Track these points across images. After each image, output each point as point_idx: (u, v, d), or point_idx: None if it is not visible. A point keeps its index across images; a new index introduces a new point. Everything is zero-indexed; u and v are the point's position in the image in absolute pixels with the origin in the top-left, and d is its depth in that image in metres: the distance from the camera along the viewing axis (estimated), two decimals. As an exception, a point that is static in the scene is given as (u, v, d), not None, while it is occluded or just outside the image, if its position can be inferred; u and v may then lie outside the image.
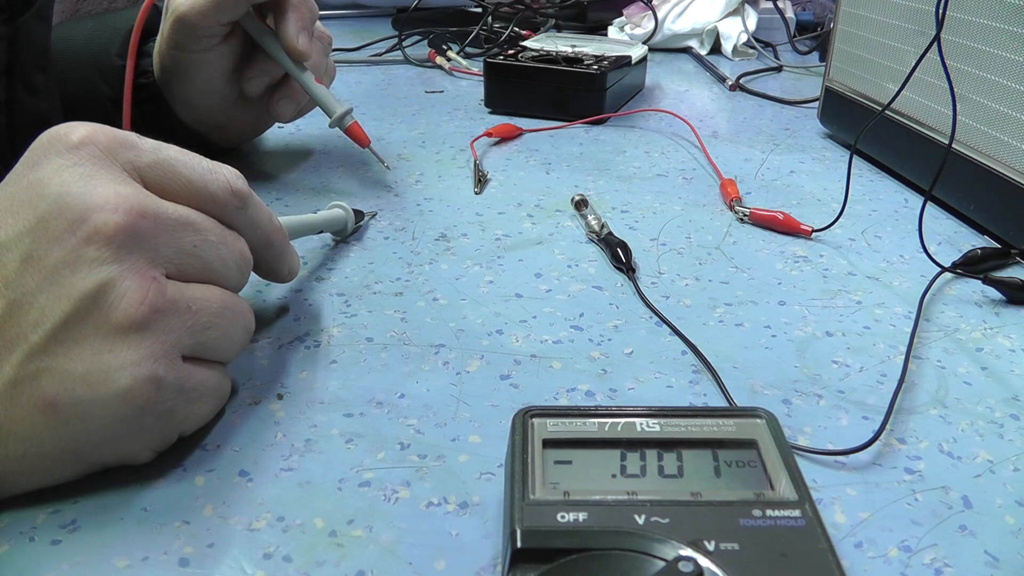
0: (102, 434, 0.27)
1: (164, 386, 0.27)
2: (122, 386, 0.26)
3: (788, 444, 0.26)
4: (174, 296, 0.28)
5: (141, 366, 0.26)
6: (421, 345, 0.38)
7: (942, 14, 0.41)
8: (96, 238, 0.26)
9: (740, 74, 0.90)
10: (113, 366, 0.26)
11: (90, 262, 0.26)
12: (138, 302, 0.26)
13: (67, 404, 0.26)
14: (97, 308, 0.26)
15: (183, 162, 0.30)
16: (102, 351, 0.26)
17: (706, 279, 0.44)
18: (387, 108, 0.78)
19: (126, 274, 0.26)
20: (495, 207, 0.54)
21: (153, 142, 0.30)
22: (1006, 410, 0.34)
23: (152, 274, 0.27)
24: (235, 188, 0.31)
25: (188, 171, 0.30)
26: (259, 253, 0.34)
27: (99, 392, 0.26)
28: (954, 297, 0.43)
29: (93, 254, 0.26)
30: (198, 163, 0.30)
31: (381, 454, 0.31)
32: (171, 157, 0.29)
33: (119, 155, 0.28)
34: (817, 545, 0.23)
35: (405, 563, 0.26)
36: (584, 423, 0.27)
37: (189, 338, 0.28)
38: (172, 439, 0.29)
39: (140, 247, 0.27)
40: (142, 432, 0.28)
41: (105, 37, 0.56)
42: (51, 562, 0.25)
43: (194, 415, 0.30)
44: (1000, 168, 0.47)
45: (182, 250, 0.29)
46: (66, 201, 0.26)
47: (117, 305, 0.26)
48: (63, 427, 0.26)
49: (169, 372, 0.27)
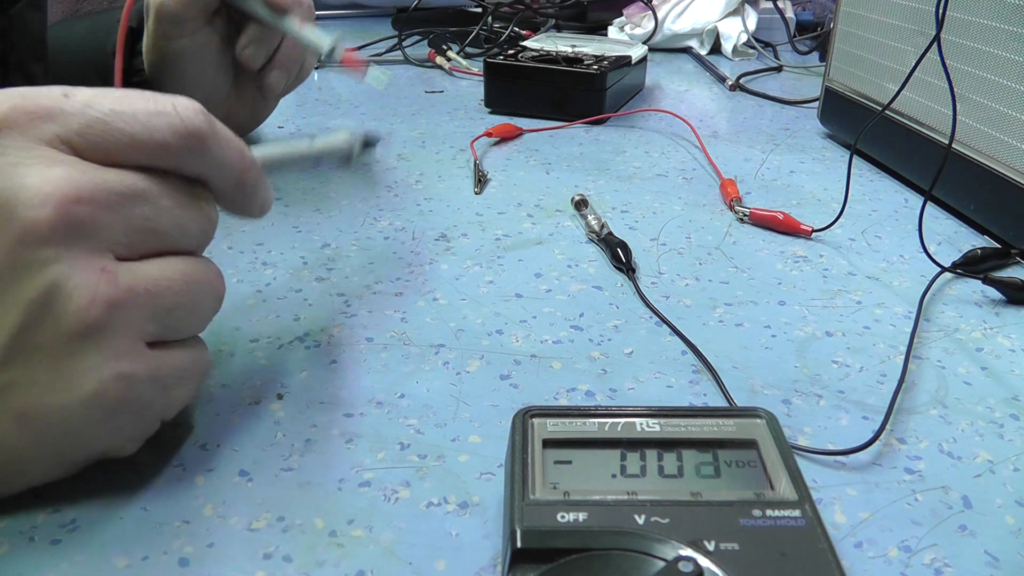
0: (79, 436, 0.26)
1: (135, 381, 0.26)
2: (88, 391, 0.25)
3: (788, 444, 0.26)
4: (129, 283, 0.25)
5: (104, 368, 0.25)
6: (421, 345, 0.38)
7: (942, 14, 0.41)
8: (29, 239, 0.23)
9: (740, 74, 0.90)
10: (76, 371, 0.25)
11: (30, 266, 0.24)
12: (89, 301, 0.24)
13: (38, 413, 0.25)
14: (48, 314, 0.24)
15: (120, 113, 0.25)
16: (60, 358, 0.24)
17: (706, 279, 0.44)
18: (387, 108, 0.78)
19: (70, 272, 0.24)
20: (495, 207, 0.54)
21: (83, 98, 0.25)
22: (1006, 410, 0.34)
23: (99, 264, 0.25)
24: (189, 128, 0.26)
25: (126, 123, 0.25)
26: (227, 194, 0.29)
27: (67, 398, 0.25)
28: (954, 297, 0.43)
29: (31, 256, 0.24)
30: (141, 108, 0.26)
31: (381, 454, 0.31)
32: (104, 114, 0.25)
33: (44, 131, 0.25)
34: (817, 545, 0.23)
35: (405, 563, 0.26)
36: (584, 423, 0.27)
37: (153, 324, 0.26)
38: (155, 427, 0.28)
39: (81, 237, 0.24)
40: (121, 428, 0.27)
41: (101, 35, 0.56)
42: (51, 562, 0.25)
43: (174, 400, 0.28)
44: (1000, 168, 0.47)
45: (131, 226, 0.26)
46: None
47: (67, 308, 0.24)
48: (38, 434, 0.25)
49: (137, 366, 0.26)
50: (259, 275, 0.44)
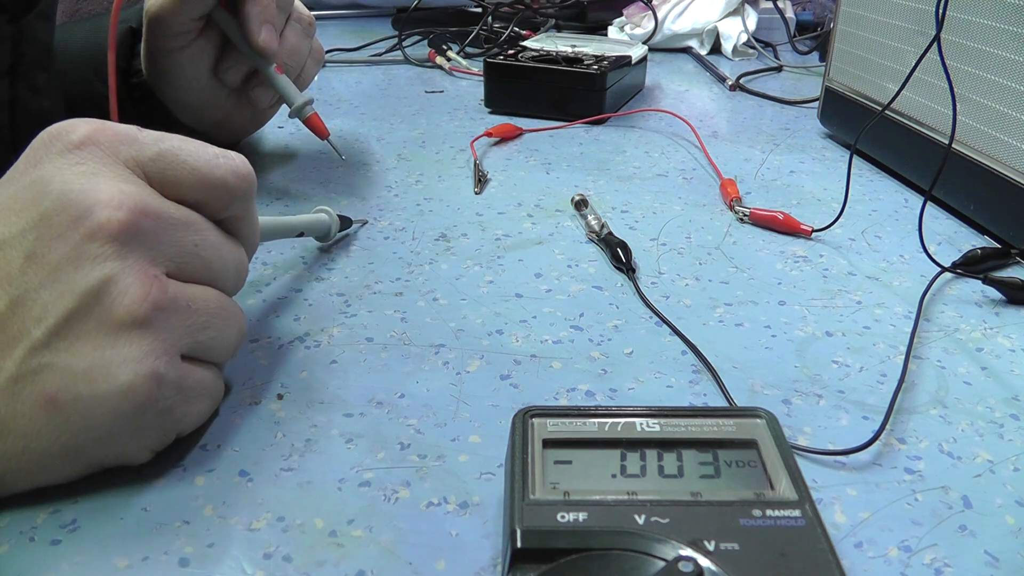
0: (102, 431, 0.27)
1: (164, 383, 0.27)
2: (123, 382, 0.26)
3: (788, 444, 0.26)
4: (175, 295, 0.28)
5: (143, 362, 0.26)
6: (421, 345, 0.38)
7: (942, 14, 0.41)
8: (99, 235, 0.26)
9: (740, 74, 0.90)
10: (115, 362, 0.26)
11: (93, 258, 0.26)
12: (140, 298, 0.26)
13: (68, 400, 0.26)
14: (99, 304, 0.26)
15: (187, 150, 0.29)
16: (104, 347, 0.26)
17: (706, 279, 0.44)
18: (387, 108, 0.78)
19: (128, 271, 0.26)
20: (495, 207, 0.54)
21: (155, 134, 0.29)
22: (1006, 410, 0.34)
23: (154, 271, 0.27)
24: (244, 172, 0.31)
25: (193, 159, 0.29)
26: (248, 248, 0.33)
27: (100, 388, 0.26)
28: (954, 297, 0.43)
29: (96, 250, 0.26)
30: (203, 150, 0.30)
31: (381, 454, 0.31)
32: (174, 147, 0.29)
33: (121, 152, 0.28)
34: (817, 545, 0.23)
35: (405, 563, 0.26)
36: (584, 423, 0.27)
37: (188, 337, 0.28)
38: (170, 439, 0.29)
39: (142, 245, 0.27)
40: (141, 430, 0.28)
41: (101, 37, 0.56)
42: (51, 562, 0.25)
43: (191, 414, 0.30)
44: (1000, 168, 0.47)
45: (183, 249, 0.28)
46: (69, 198, 0.26)
47: (120, 301, 0.26)
48: (63, 423, 0.26)
49: (169, 370, 0.27)
50: (259, 275, 0.44)
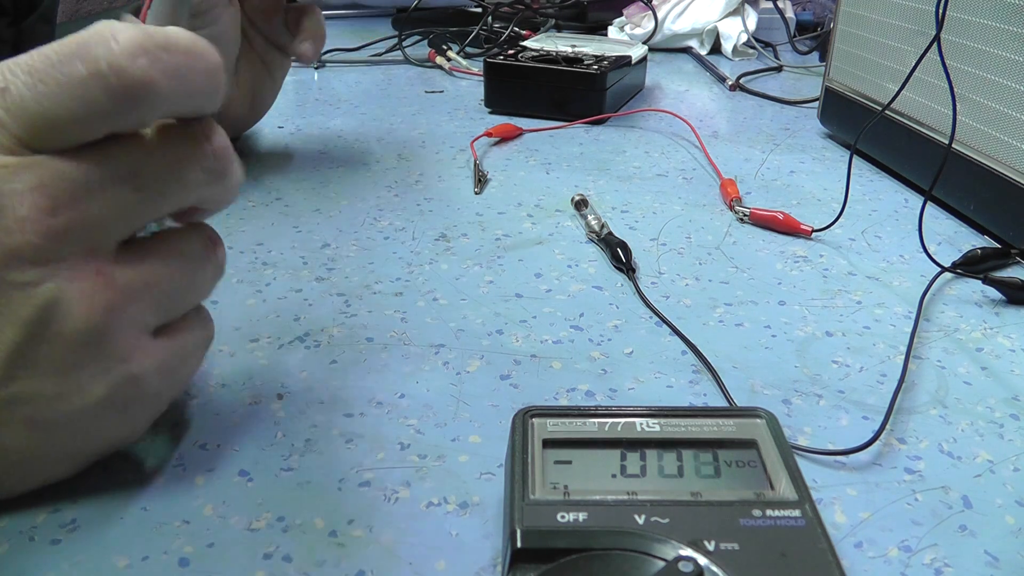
0: (90, 435, 0.26)
1: (144, 378, 0.26)
2: (99, 395, 0.25)
3: (788, 444, 0.26)
4: (126, 280, 0.24)
5: (113, 372, 0.25)
6: (421, 345, 0.38)
7: (942, 14, 0.41)
8: (15, 263, 0.23)
9: (740, 74, 0.90)
10: (83, 379, 0.24)
11: (21, 287, 0.23)
12: (89, 310, 0.24)
13: (48, 421, 0.25)
14: (48, 329, 0.23)
15: (52, 96, 0.22)
16: (67, 369, 0.24)
17: (706, 279, 0.44)
18: (387, 108, 0.78)
19: (64, 285, 0.23)
20: (495, 207, 0.54)
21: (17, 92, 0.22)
22: (1006, 410, 0.34)
23: (93, 267, 0.24)
24: (127, 83, 0.22)
25: (61, 106, 0.22)
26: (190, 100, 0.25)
27: (76, 405, 0.25)
28: (954, 297, 0.43)
29: (20, 278, 0.23)
30: (72, 76, 0.22)
31: (381, 454, 0.31)
32: (38, 104, 0.22)
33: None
34: (817, 545, 0.23)
35: (405, 563, 0.26)
36: (584, 423, 0.27)
37: (155, 315, 0.26)
38: (164, 407, 0.28)
39: (68, 245, 0.23)
40: (131, 420, 0.27)
41: None
42: (51, 562, 0.25)
43: (183, 379, 0.28)
44: (1000, 168, 0.47)
45: (118, 213, 0.24)
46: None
47: (67, 322, 0.23)
48: (51, 438, 0.25)
49: (144, 363, 0.25)
50: (259, 275, 0.44)
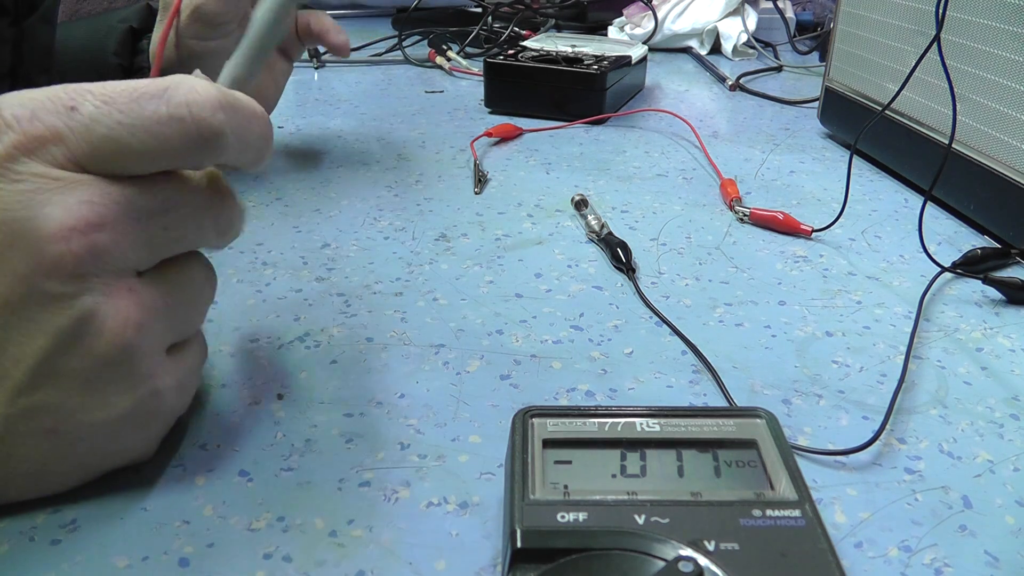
0: (108, 448, 0.27)
1: (163, 393, 0.27)
2: (124, 408, 0.26)
3: (788, 444, 0.26)
4: (152, 302, 0.26)
5: (140, 387, 0.26)
6: (421, 345, 0.38)
7: (942, 14, 0.41)
8: (56, 273, 0.24)
9: (740, 74, 0.90)
10: (109, 392, 0.25)
11: (58, 299, 0.24)
12: (121, 328, 0.25)
13: (69, 430, 0.25)
14: (79, 342, 0.24)
15: (129, 126, 0.24)
16: (94, 381, 0.25)
17: (706, 279, 0.44)
18: (387, 108, 0.78)
19: (100, 300, 0.24)
20: (495, 207, 0.54)
21: (89, 113, 0.24)
22: (1006, 410, 0.34)
23: (126, 286, 0.25)
24: (204, 131, 0.25)
25: (135, 138, 0.24)
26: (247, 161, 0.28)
27: (99, 417, 0.26)
28: (954, 297, 0.43)
29: (59, 289, 0.24)
30: (151, 115, 0.24)
31: (381, 454, 0.31)
32: (110, 130, 0.24)
33: (55, 155, 0.24)
34: (817, 545, 0.23)
35: (405, 563, 0.26)
36: (584, 423, 0.27)
37: (171, 332, 0.28)
38: (172, 423, 0.30)
39: (106, 263, 0.24)
40: (147, 434, 0.28)
41: (101, 36, 0.57)
42: (51, 562, 0.25)
43: (188, 398, 0.30)
44: (1000, 168, 0.47)
45: (152, 240, 0.26)
46: (14, 229, 0.23)
47: (100, 337, 0.24)
48: (68, 448, 0.26)
49: (165, 378, 0.27)
50: (259, 275, 0.44)
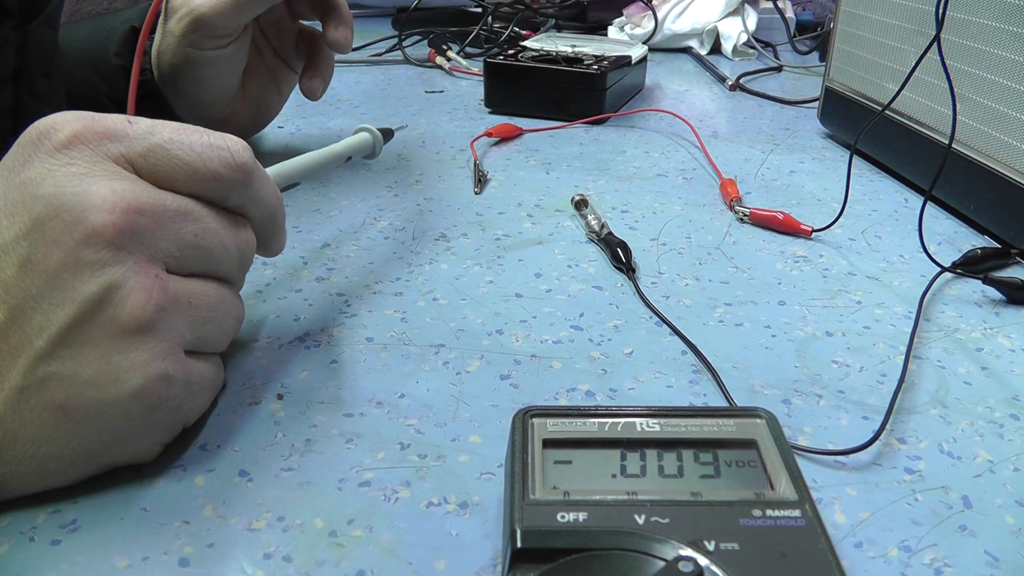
0: (114, 433, 0.27)
1: (173, 382, 0.28)
2: (134, 386, 0.26)
3: (788, 444, 0.26)
4: (176, 292, 0.28)
5: (151, 365, 0.27)
6: (421, 345, 0.38)
7: (942, 14, 0.41)
8: (95, 240, 0.26)
9: (740, 74, 0.90)
10: (123, 367, 0.26)
11: (91, 265, 0.26)
12: (144, 303, 0.26)
13: (78, 407, 0.26)
14: (103, 311, 0.26)
15: (179, 142, 0.28)
16: (110, 353, 0.26)
17: (706, 279, 0.44)
18: (387, 108, 0.78)
19: (129, 274, 0.26)
20: (495, 207, 0.54)
21: (145, 126, 0.28)
22: (1006, 410, 0.34)
23: (154, 271, 0.27)
24: (239, 162, 0.30)
25: (184, 153, 0.28)
26: (260, 228, 0.33)
27: (110, 394, 0.26)
28: (954, 297, 0.43)
29: (93, 256, 0.26)
30: (196, 140, 0.29)
31: (381, 454, 0.31)
32: (164, 140, 0.28)
33: (110, 149, 0.27)
34: (817, 545, 0.23)
35: (405, 563, 0.26)
36: (584, 423, 0.27)
37: (191, 333, 0.29)
38: (177, 431, 0.30)
39: (140, 244, 0.27)
40: (152, 429, 0.28)
41: (103, 37, 0.57)
42: (51, 562, 0.25)
43: (197, 406, 0.30)
44: (1000, 168, 0.47)
45: (182, 241, 0.28)
46: (61, 202, 0.26)
47: (123, 307, 0.26)
48: (74, 428, 0.26)
49: (177, 368, 0.28)
50: (259, 275, 0.44)
